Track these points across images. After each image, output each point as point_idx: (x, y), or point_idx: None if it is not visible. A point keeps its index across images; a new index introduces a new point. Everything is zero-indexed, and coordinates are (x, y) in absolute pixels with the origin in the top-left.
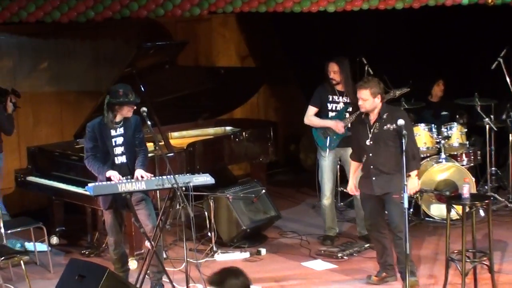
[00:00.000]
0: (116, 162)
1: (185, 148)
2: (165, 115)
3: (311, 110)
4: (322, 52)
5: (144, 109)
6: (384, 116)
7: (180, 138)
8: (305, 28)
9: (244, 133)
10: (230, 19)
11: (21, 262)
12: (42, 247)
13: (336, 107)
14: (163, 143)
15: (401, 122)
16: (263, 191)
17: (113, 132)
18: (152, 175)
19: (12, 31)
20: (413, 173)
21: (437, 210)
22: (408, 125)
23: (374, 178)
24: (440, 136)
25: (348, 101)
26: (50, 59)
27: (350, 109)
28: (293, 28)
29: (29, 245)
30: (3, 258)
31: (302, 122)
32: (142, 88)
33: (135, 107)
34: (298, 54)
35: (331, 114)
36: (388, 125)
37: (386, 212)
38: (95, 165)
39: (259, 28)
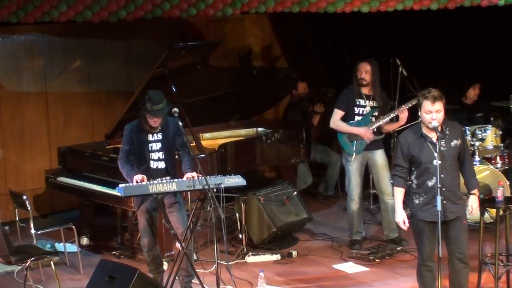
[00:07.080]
0: (152, 166)
1: (216, 149)
2: (197, 116)
3: (338, 113)
4: (355, 53)
5: (176, 109)
6: (447, 132)
7: (211, 139)
8: (338, 29)
9: (276, 134)
10: (263, 19)
11: (51, 262)
12: (72, 247)
13: (362, 111)
14: (194, 144)
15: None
16: (295, 193)
17: (150, 137)
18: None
19: (43, 31)
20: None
21: None
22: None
23: (445, 202)
24: (474, 139)
25: (374, 105)
26: (81, 59)
27: (376, 113)
28: (327, 29)
29: (59, 246)
30: (33, 258)
31: None
32: (174, 89)
33: (158, 118)
34: (331, 55)
35: (357, 118)
36: (455, 141)
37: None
38: (124, 168)
39: (292, 29)
